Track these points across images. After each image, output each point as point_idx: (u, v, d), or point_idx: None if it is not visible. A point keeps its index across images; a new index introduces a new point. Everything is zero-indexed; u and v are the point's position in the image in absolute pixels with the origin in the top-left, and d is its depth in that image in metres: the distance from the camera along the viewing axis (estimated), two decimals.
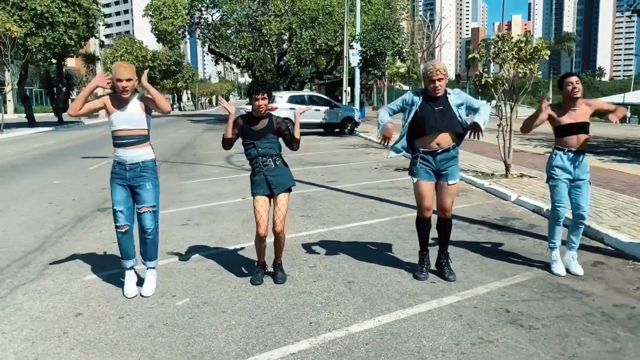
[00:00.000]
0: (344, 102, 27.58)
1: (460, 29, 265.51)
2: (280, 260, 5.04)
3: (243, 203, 8.43)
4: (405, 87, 48.57)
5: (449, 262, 5.06)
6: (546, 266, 5.23)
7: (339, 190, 9.46)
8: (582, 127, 4.99)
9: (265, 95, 4.64)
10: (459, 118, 4.73)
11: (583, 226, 5.14)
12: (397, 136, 4.99)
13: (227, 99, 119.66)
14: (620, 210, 7.12)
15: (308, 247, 6.01)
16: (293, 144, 4.89)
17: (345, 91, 27.37)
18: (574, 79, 4.98)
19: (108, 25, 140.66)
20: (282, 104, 21.73)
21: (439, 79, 4.65)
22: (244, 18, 33.06)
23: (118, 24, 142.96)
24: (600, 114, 5.14)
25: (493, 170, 10.69)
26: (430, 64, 4.74)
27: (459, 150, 5.00)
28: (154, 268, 4.81)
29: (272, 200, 4.84)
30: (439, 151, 4.74)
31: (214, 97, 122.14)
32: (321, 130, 22.94)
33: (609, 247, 5.86)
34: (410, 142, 4.92)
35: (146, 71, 4.72)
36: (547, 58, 9.45)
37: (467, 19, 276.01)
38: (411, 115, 4.81)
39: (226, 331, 3.92)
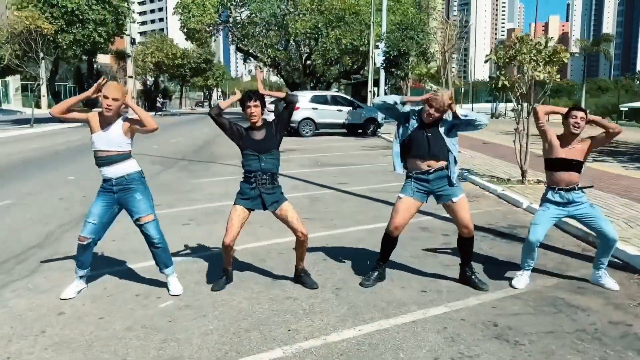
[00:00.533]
0: (369, 103, 27.41)
1: (496, 29, 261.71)
2: (303, 265, 4.92)
3: None
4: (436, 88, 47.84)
5: (475, 273, 4.91)
6: (545, 278, 5.05)
7: (348, 193, 9.34)
8: (575, 165, 4.78)
9: (258, 103, 4.54)
10: (449, 146, 4.66)
11: (614, 244, 4.81)
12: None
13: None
14: (633, 221, 6.85)
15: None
16: (290, 104, 4.74)
17: (371, 91, 27.19)
18: (580, 114, 4.74)
19: (143, 23, 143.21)
20: (304, 104, 21.68)
21: (436, 110, 4.56)
22: (271, 17, 33.12)
23: (152, 21, 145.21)
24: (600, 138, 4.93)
25: (510, 176, 10.43)
26: (440, 92, 4.63)
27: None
28: (173, 273, 4.76)
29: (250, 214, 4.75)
30: (431, 171, 4.64)
31: None
32: (344, 130, 22.81)
33: (616, 260, 5.61)
34: (404, 161, 4.84)
35: (130, 91, 4.67)
36: (567, 61, 9.16)
37: (503, 19, 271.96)
38: (406, 133, 4.74)
39: (202, 336, 3.86)
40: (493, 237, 6.59)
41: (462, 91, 65.52)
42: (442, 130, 4.68)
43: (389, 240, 4.88)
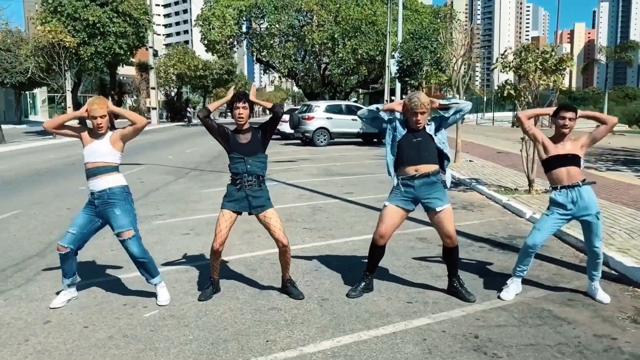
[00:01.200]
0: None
1: (520, 37, 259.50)
2: (289, 275, 4.96)
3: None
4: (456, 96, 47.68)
5: (463, 284, 4.86)
6: (536, 289, 4.98)
7: (352, 202, 9.33)
8: (572, 159, 4.71)
9: (246, 105, 4.64)
10: (439, 146, 4.68)
11: (600, 262, 4.75)
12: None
13: (281, 107, 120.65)
14: (636, 232, 6.71)
15: (297, 261, 5.93)
16: (276, 114, 4.79)
17: (387, 101, 27.16)
18: (569, 114, 4.69)
19: (168, 35, 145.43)
20: (319, 114, 21.78)
21: (422, 112, 4.58)
22: (289, 28, 33.37)
23: (178, 33, 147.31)
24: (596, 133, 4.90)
25: (517, 185, 10.31)
26: (414, 96, 4.63)
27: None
28: (160, 282, 4.80)
29: (236, 218, 4.84)
30: (417, 176, 4.62)
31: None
32: (360, 140, 22.80)
33: (613, 272, 5.52)
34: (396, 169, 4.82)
35: (109, 102, 4.75)
36: (573, 70, 9.06)
37: (527, 27, 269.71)
38: (394, 142, 4.73)
39: (180, 346, 3.89)
40: (490, 247, 6.51)
41: (485, 100, 65.15)
42: (432, 130, 4.69)
43: (376, 249, 4.86)
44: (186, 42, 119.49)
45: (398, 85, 25.14)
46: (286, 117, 23.62)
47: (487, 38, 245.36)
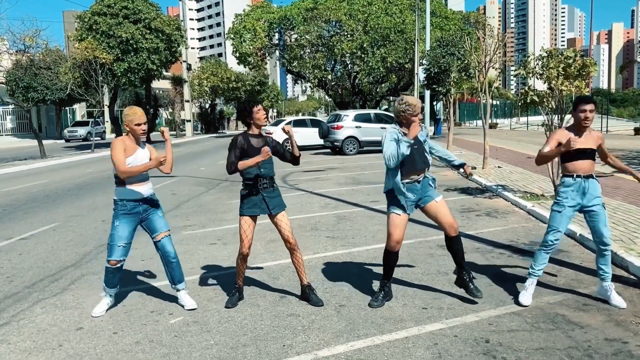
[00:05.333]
0: None
1: (555, 39, 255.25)
2: (307, 281, 5.13)
3: None
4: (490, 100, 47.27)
5: (472, 277, 4.95)
6: (552, 294, 5.04)
7: (377, 211, 9.46)
8: (589, 154, 4.82)
9: (260, 107, 4.90)
10: (427, 152, 4.91)
11: (609, 253, 4.86)
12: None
13: (315, 115, 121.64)
14: None
15: (318, 269, 6.10)
16: (294, 159, 5.12)
17: None
18: (589, 107, 4.74)
19: (202, 48, 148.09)
20: (348, 123, 21.96)
21: (417, 115, 4.76)
22: (317, 39, 33.72)
23: (212, 46, 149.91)
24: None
25: (544, 191, 10.27)
26: (407, 103, 4.70)
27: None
28: (184, 289, 5.09)
29: (255, 221, 5.04)
30: (420, 180, 4.83)
31: (300, 115, 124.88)
32: None
33: (632, 277, 5.53)
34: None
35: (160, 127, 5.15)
36: (595, 75, 9.03)
37: (563, 29, 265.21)
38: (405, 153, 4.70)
39: (202, 350, 4.10)
40: (510, 253, 6.57)
41: (520, 104, 64.41)
42: (423, 135, 4.90)
43: (392, 255, 4.99)
44: (219, 54, 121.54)
45: (427, 93, 25.16)
46: (273, 128, 24.73)
47: (522, 42, 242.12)
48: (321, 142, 25.44)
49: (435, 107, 33.47)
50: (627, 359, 3.77)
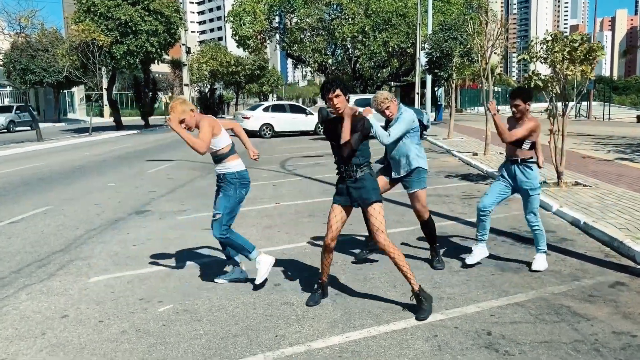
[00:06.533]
0: (416, 105, 27.09)
1: (558, 26, 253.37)
2: (414, 289, 4.28)
3: (274, 209, 8.49)
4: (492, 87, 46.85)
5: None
6: (556, 285, 4.85)
7: None
8: (516, 142, 5.23)
9: (338, 92, 4.17)
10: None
11: (536, 232, 5.32)
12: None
13: (315, 102, 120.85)
14: None
15: (315, 256, 5.91)
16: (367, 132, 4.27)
17: (418, 93, 26.90)
18: (516, 101, 5.17)
19: (202, 32, 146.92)
20: None
21: (387, 108, 5.26)
22: (318, 22, 33.30)
23: (212, 30, 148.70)
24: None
25: (547, 178, 10.06)
26: (375, 98, 5.29)
27: None
28: (255, 262, 4.93)
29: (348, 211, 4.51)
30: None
31: (300, 100, 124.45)
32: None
33: (639, 266, 5.34)
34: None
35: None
36: (603, 59, 8.77)
37: (566, 15, 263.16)
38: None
39: (190, 340, 3.92)
40: (513, 241, 6.38)
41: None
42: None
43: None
44: (220, 38, 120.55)
45: (428, 78, 24.85)
46: (250, 112, 25.13)
47: (524, 28, 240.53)
48: (302, 128, 25.28)
49: (436, 92, 33.13)
50: (636, 353, 3.59)
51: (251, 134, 24.72)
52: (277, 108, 26.12)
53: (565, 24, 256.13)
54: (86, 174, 13.16)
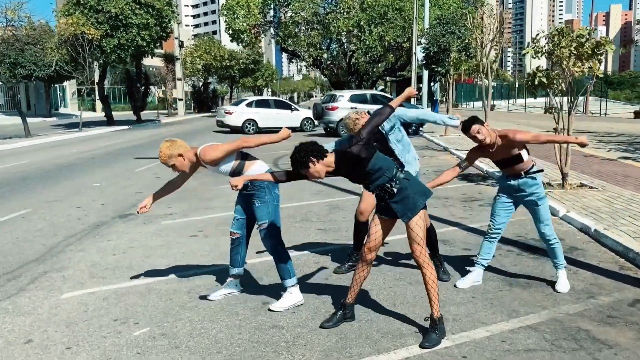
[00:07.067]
0: (412, 101, 26.67)
1: (553, 21, 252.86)
2: (434, 315, 3.84)
3: None
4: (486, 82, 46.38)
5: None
6: (570, 304, 4.44)
7: None
8: (509, 161, 4.64)
9: (310, 168, 3.64)
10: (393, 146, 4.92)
11: (554, 246, 4.83)
12: None
13: (310, 96, 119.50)
14: None
15: (307, 268, 5.49)
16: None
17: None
18: (471, 132, 4.47)
19: (197, 26, 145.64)
20: (343, 104, 21.26)
21: (362, 125, 4.61)
22: (313, 16, 32.78)
23: (206, 24, 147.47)
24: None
25: (550, 179, 9.66)
26: (344, 124, 4.91)
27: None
28: (286, 289, 4.50)
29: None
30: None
31: (295, 94, 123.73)
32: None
33: None
34: None
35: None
36: (611, 53, 8.36)
37: (561, 10, 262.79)
38: None
39: None
40: (519, 251, 5.97)
41: (517, 86, 63.35)
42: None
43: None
44: (214, 32, 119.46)
45: (425, 73, 24.40)
46: (233, 108, 25.06)
47: (519, 22, 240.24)
48: (287, 124, 24.65)
49: (432, 88, 32.69)
50: None
51: (234, 129, 24.28)
52: (261, 103, 25.67)
53: (560, 18, 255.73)
54: (71, 173, 12.67)
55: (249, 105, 25.03)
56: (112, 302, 4.72)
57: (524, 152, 4.60)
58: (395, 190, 3.75)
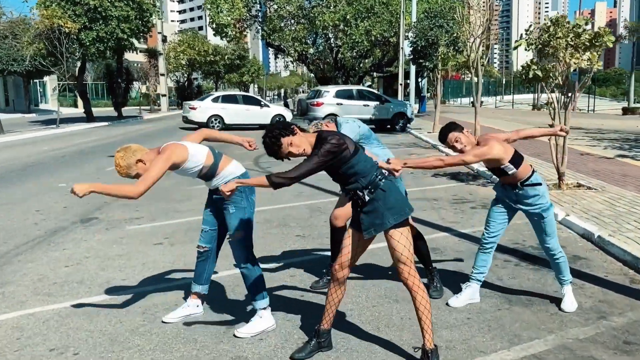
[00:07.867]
0: (399, 97, 26.12)
1: (539, 17, 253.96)
2: (426, 346, 3.28)
3: None
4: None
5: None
6: (580, 326, 3.87)
7: None
8: (498, 170, 4.09)
9: (280, 146, 3.40)
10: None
11: (559, 261, 4.19)
12: None
13: (297, 92, 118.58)
14: None
15: (282, 283, 4.88)
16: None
17: (401, 84, 25.94)
18: (448, 141, 4.08)
19: (183, 21, 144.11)
20: (328, 99, 20.66)
21: None
22: (298, 10, 32.10)
23: (192, 19, 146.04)
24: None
25: (545, 178, 9.12)
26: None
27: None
28: (256, 311, 3.90)
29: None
30: None
31: (282, 91, 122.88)
32: (372, 126, 21.63)
33: None
34: None
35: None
36: (611, 45, 7.83)
37: (547, 7, 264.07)
38: None
39: None
40: (517, 261, 5.41)
41: (504, 82, 63.14)
42: None
43: None
44: (200, 28, 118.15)
45: (412, 68, 23.86)
46: (197, 103, 24.34)
47: (506, 19, 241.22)
48: (256, 121, 23.97)
49: (420, 84, 32.19)
50: None
51: (200, 126, 23.53)
52: (228, 99, 24.94)
53: (546, 14, 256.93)
54: (37, 173, 11.92)
55: (215, 100, 24.27)
56: (52, 326, 4.07)
57: (512, 167, 3.98)
58: (367, 198, 3.18)
